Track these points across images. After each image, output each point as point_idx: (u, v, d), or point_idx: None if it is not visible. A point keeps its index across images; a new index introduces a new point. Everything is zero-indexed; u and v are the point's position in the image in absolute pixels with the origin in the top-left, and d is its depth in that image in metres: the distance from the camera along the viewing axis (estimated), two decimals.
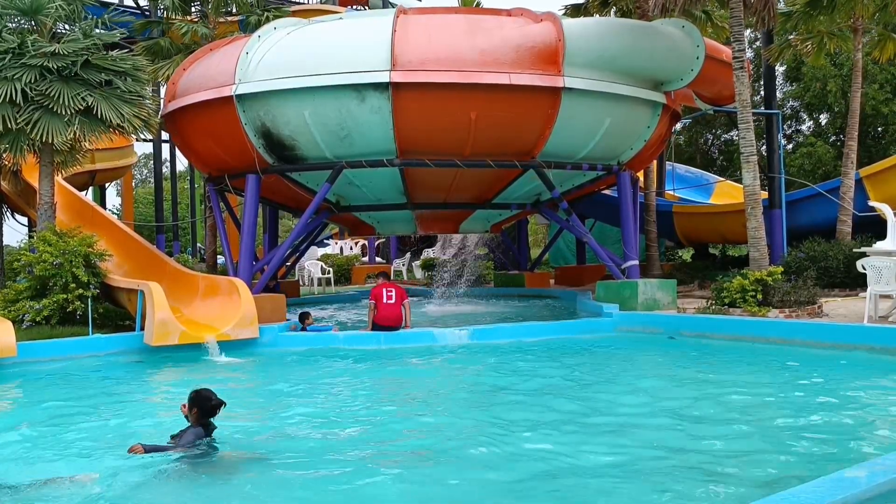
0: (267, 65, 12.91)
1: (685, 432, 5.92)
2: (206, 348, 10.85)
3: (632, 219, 14.88)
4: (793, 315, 11.28)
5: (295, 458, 5.47)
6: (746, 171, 12.86)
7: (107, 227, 15.65)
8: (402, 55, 12.43)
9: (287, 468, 5.23)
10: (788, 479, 4.57)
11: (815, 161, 30.93)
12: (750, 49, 31.12)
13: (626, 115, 13.86)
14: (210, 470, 5.13)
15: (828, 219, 17.22)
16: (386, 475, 5.02)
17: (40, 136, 12.48)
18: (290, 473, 5.13)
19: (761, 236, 12.68)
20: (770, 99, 19.42)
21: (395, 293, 12.03)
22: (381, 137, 12.89)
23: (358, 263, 29.99)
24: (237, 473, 5.11)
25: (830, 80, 30.05)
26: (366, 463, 5.31)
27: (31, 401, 8.13)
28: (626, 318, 12.79)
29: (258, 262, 15.00)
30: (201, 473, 5.06)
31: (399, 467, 5.19)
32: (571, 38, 12.71)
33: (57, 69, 12.71)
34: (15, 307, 12.06)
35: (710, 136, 39.22)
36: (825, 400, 6.87)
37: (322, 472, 5.15)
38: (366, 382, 8.92)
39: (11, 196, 17.91)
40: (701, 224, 21.83)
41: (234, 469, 5.19)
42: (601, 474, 4.96)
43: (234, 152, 13.79)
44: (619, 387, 8.16)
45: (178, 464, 5.13)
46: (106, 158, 24.33)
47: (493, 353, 10.63)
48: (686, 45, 13.76)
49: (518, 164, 13.71)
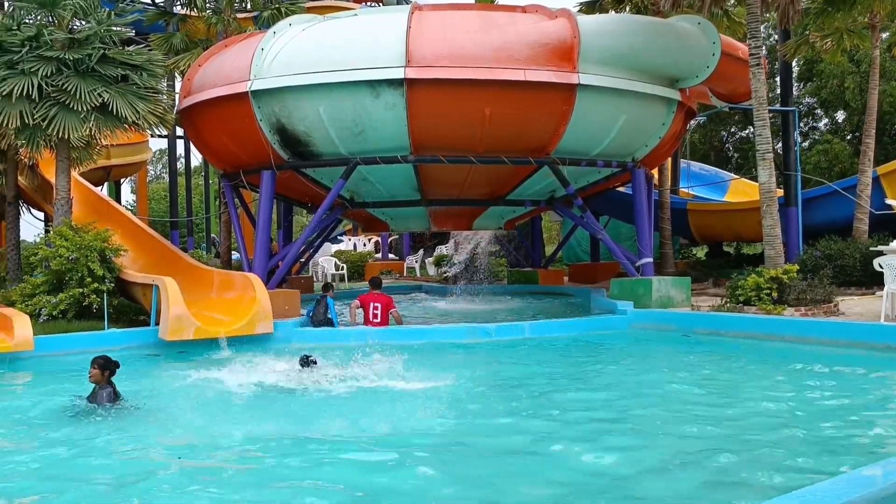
0: (282, 61, 12.94)
1: (700, 429, 5.90)
2: (221, 343, 10.90)
3: (646, 216, 14.83)
4: (808, 313, 11.22)
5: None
6: (762, 168, 12.79)
7: (122, 223, 15.76)
8: (417, 51, 12.43)
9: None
10: (803, 478, 4.55)
11: (831, 158, 30.69)
12: (765, 46, 30.91)
13: (641, 112, 13.81)
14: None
15: (844, 217, 17.10)
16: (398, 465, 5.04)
17: (56, 131, 12.56)
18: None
19: (777, 234, 12.61)
20: (786, 96, 19.29)
21: (381, 309, 12.14)
22: (396, 133, 12.90)
23: (371, 260, 30.06)
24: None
25: (848, 77, 29.80)
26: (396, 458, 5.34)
27: (46, 392, 8.18)
28: (640, 315, 12.75)
29: (273, 258, 15.05)
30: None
31: (421, 462, 5.20)
32: (586, 35, 12.68)
33: (73, 63, 12.78)
34: (32, 301, 12.16)
35: (726, 133, 38.99)
36: (840, 398, 6.83)
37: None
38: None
39: (28, 191, 18.05)
40: (715, 222, 21.74)
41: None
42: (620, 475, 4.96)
43: (249, 148, 13.84)
44: (633, 382, 8.14)
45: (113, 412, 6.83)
46: (121, 154, 24.47)
47: (504, 350, 10.62)
48: (702, 42, 13.69)
49: (532, 161, 13.69)
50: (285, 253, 15.14)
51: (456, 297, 18.93)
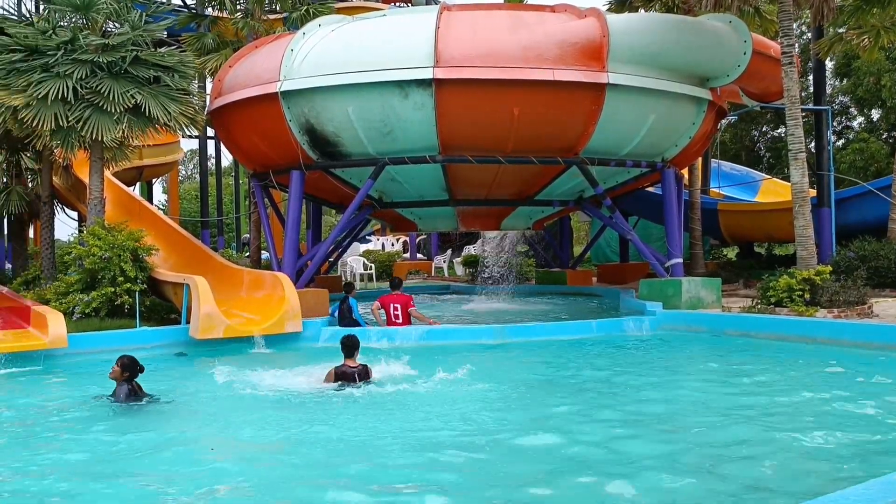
0: (311, 61, 13.01)
1: (726, 432, 5.85)
2: (253, 342, 11.01)
3: (676, 216, 14.70)
4: (841, 315, 11.06)
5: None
6: (794, 168, 12.63)
7: (154, 222, 15.95)
8: (446, 51, 12.44)
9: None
10: (838, 481, 4.50)
11: (867, 158, 30.22)
12: (797, 44, 30.50)
13: (671, 111, 13.69)
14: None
15: (879, 217, 16.83)
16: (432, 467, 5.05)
17: (90, 133, 12.75)
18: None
19: (809, 235, 12.45)
20: (819, 95, 19.03)
21: (401, 309, 12.29)
22: (424, 134, 12.92)
23: (399, 260, 30.13)
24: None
25: (885, 75, 29.32)
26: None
27: (80, 389, 8.31)
28: (669, 316, 12.64)
29: (302, 258, 15.15)
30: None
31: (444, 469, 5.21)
32: (616, 34, 12.59)
33: (107, 65, 12.97)
34: (66, 299, 12.36)
35: (757, 132, 38.54)
36: (874, 401, 6.72)
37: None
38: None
39: (62, 191, 18.35)
40: (746, 222, 21.51)
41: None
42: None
43: (279, 148, 13.94)
44: (662, 382, 8.08)
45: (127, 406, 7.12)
46: (153, 154, 24.79)
47: (532, 351, 10.59)
48: (733, 41, 13.54)
49: (561, 161, 13.63)
50: (314, 252, 15.23)
51: (485, 298, 18.91)
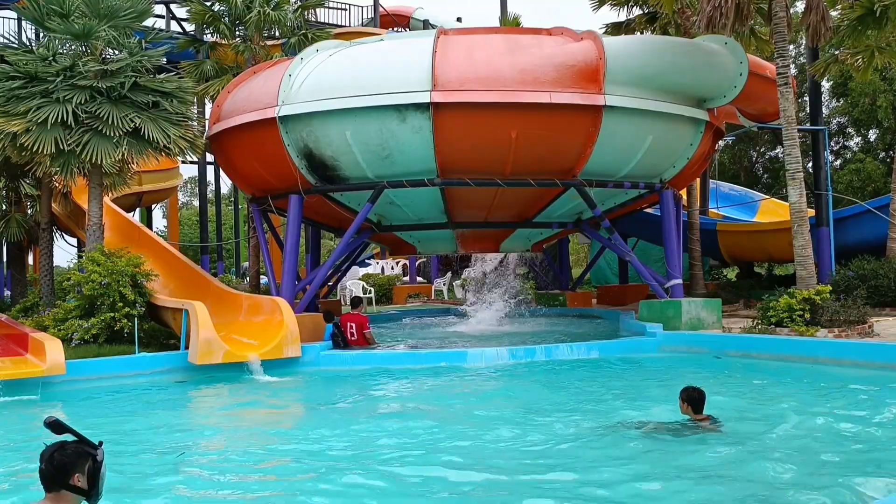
0: (309, 86, 13.07)
1: (744, 451, 5.81)
2: (250, 367, 10.95)
3: (675, 237, 14.71)
4: (842, 335, 11.02)
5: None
6: (792, 188, 12.65)
7: (153, 248, 15.94)
8: (443, 75, 12.50)
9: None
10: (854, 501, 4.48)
11: (864, 178, 30.32)
12: (793, 65, 30.68)
13: (669, 132, 13.74)
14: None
15: (877, 236, 16.83)
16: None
17: (90, 157, 12.76)
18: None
19: (808, 254, 12.44)
20: (816, 115, 19.09)
21: (356, 329, 12.81)
22: (422, 157, 12.95)
23: (399, 283, 30.09)
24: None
25: (880, 96, 29.48)
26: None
27: (78, 417, 8.26)
28: (670, 337, 12.61)
29: (300, 282, 15.12)
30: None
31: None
32: (612, 57, 12.66)
33: (106, 90, 13.02)
34: (64, 326, 12.29)
35: (755, 153, 38.68)
36: (880, 419, 6.69)
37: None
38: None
39: (62, 217, 18.35)
40: (746, 242, 21.50)
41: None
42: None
43: (277, 173, 13.96)
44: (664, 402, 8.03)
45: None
46: (153, 180, 24.84)
47: (535, 372, 10.55)
48: (729, 62, 13.62)
49: (559, 183, 13.65)
50: (312, 277, 15.20)
51: (484, 320, 18.84)
